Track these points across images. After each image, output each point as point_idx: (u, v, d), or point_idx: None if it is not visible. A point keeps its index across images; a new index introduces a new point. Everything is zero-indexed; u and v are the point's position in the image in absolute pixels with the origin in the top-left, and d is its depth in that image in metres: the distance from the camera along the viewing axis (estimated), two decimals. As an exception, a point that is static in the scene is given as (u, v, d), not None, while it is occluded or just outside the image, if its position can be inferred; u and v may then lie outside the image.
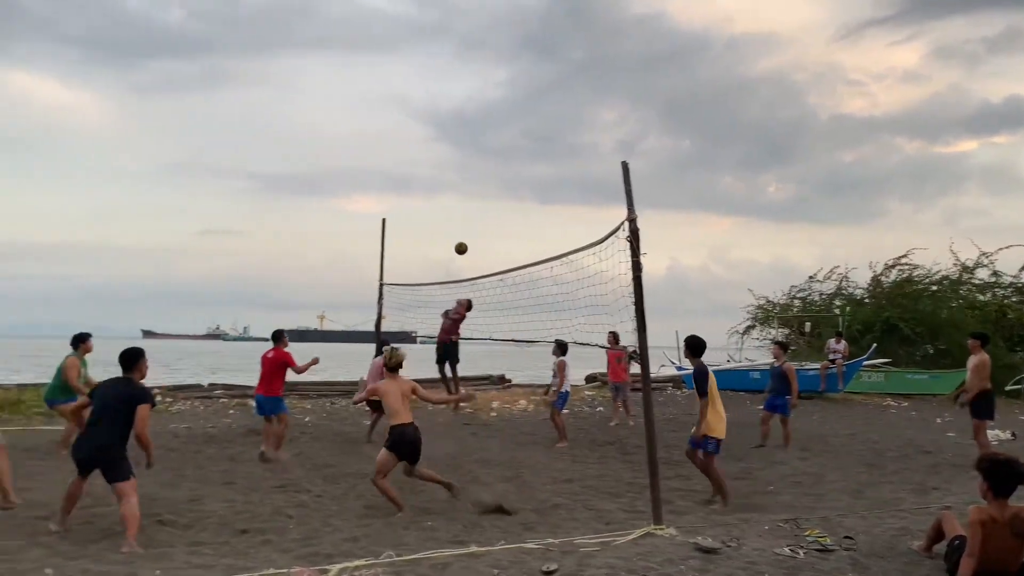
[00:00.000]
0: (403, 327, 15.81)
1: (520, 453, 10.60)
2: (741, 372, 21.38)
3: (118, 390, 6.28)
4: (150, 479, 8.36)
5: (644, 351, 6.58)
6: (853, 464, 10.08)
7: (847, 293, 26.39)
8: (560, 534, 6.20)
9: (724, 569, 5.08)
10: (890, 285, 25.24)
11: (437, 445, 11.24)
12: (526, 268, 10.01)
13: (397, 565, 5.16)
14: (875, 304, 24.80)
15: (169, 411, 15.26)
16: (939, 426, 14.71)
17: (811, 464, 10.15)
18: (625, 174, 6.54)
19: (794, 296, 27.20)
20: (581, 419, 15.25)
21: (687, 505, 7.67)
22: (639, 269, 6.44)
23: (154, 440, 11.13)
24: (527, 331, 10.44)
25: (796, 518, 6.74)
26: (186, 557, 5.47)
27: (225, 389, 18.91)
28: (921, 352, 23.44)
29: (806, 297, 26.96)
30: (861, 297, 26.00)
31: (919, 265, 25.31)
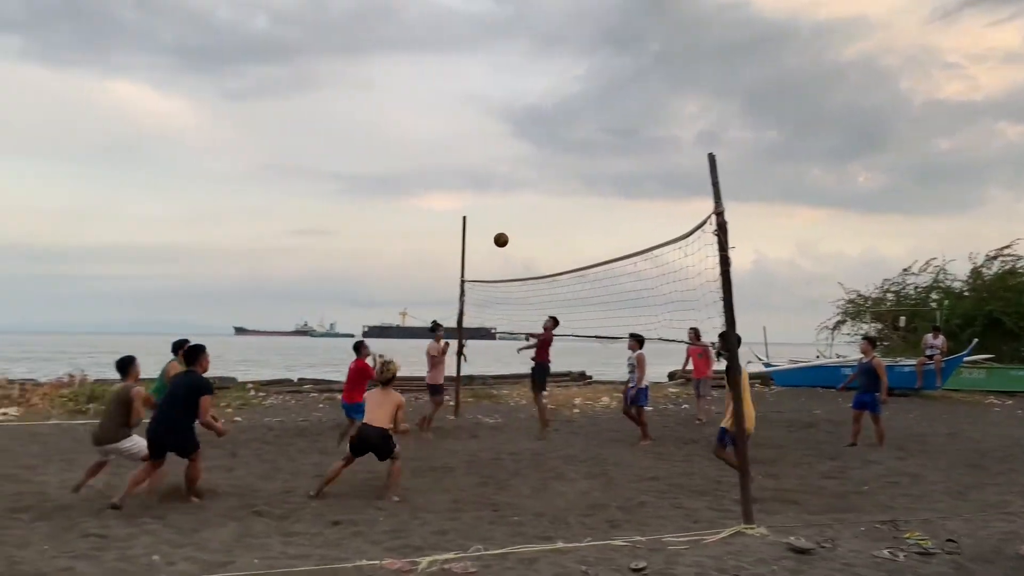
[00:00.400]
0: (483, 324, 15.94)
1: (604, 450, 10.55)
2: (832, 368, 20.75)
3: (184, 381, 7.42)
4: (245, 471, 8.72)
5: (733, 348, 6.46)
6: (954, 464, 9.65)
7: (944, 286, 25.30)
8: (647, 532, 6.15)
9: (819, 571, 4.95)
10: (992, 277, 24.08)
11: (521, 442, 11.34)
12: (608, 264, 9.95)
13: (485, 559, 5.21)
14: (975, 297, 23.71)
15: (262, 405, 15.80)
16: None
17: (908, 464, 9.76)
18: (712, 166, 6.42)
19: (887, 290, 26.24)
20: (666, 416, 15.08)
21: (778, 505, 7.48)
22: (727, 263, 6.31)
23: (249, 433, 11.71)
24: (608, 327, 10.37)
25: (894, 520, 6.51)
26: (282, 547, 5.65)
27: (314, 384, 19.47)
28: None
29: (900, 290, 25.97)
30: (960, 290, 24.90)
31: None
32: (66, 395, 14.37)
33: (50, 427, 11.91)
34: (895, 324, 23.46)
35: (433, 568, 4.97)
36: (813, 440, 11.97)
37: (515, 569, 4.99)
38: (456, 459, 9.77)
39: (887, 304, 25.19)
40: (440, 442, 11.20)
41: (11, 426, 11.94)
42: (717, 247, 6.38)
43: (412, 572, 4.89)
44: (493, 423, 13.61)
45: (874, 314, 24.44)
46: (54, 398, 14.23)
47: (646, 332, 10.18)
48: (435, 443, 11.09)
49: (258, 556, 5.32)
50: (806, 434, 12.64)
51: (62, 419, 12.86)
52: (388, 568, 4.94)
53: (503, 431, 12.66)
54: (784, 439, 11.91)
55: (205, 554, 5.35)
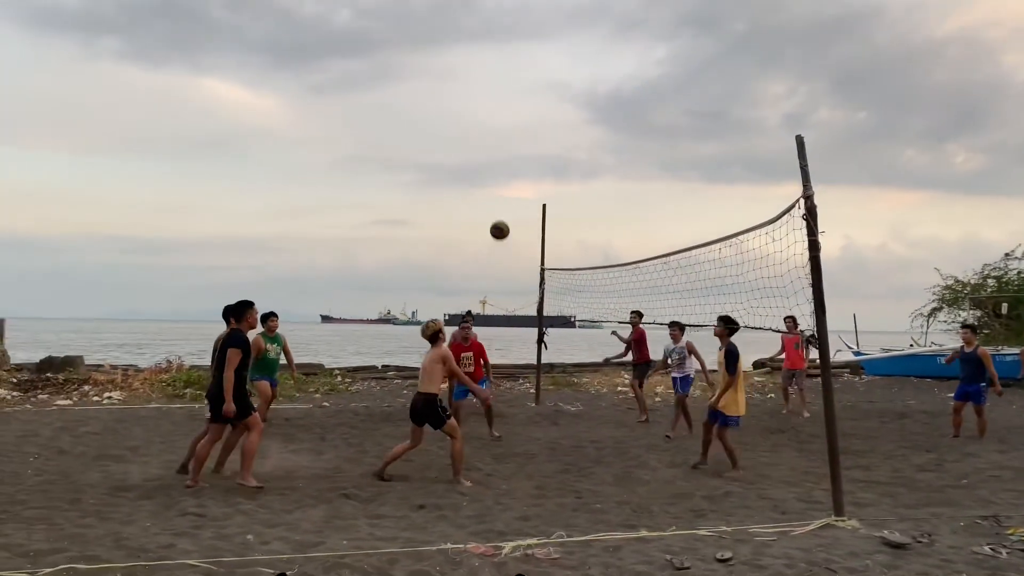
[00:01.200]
0: (561, 311, 15.91)
1: (687, 439, 10.40)
2: (927, 357, 19.95)
3: (223, 338, 7.32)
4: (334, 455, 8.96)
5: (823, 335, 6.26)
6: (1062, 459, 9.14)
7: (1050, 271, 23.95)
8: (733, 522, 6.05)
9: (916, 566, 4.77)
10: (1103, 261, 22.68)
11: (603, 430, 11.30)
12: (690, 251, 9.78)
13: (568, 545, 5.23)
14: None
15: (349, 391, 16.20)
16: None
17: (1011, 458, 9.30)
18: (800, 149, 6.23)
19: (987, 275, 25.02)
20: (752, 406, 14.68)
21: (870, 497, 7.24)
22: (816, 249, 6.12)
23: (336, 418, 12.01)
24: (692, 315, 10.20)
25: (996, 515, 6.23)
26: (369, 529, 5.79)
27: (397, 370, 19.85)
28: None
29: (1001, 276, 24.73)
30: (1067, 275, 23.54)
31: None
32: (165, 380, 15.04)
33: (151, 410, 12.49)
34: (997, 311, 22.35)
35: (517, 553, 5.01)
36: (907, 431, 11.53)
37: (599, 556, 4.99)
38: (538, 446, 9.81)
39: (987, 290, 24.03)
40: (522, 429, 11.26)
41: (115, 409, 12.58)
42: (806, 232, 6.20)
43: (496, 557, 4.94)
44: (574, 411, 13.60)
45: (973, 301, 23.35)
46: (154, 383, 14.91)
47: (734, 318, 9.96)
48: (517, 430, 11.14)
49: (347, 537, 5.46)
50: (899, 425, 12.19)
51: (161, 403, 13.47)
52: (472, 552, 5.01)
53: (584, 419, 12.64)
54: (876, 430, 11.52)
55: (296, 534, 5.53)
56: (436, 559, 4.89)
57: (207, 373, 15.77)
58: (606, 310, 13.53)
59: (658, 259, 10.86)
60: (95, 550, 5.00)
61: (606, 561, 4.88)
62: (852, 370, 21.45)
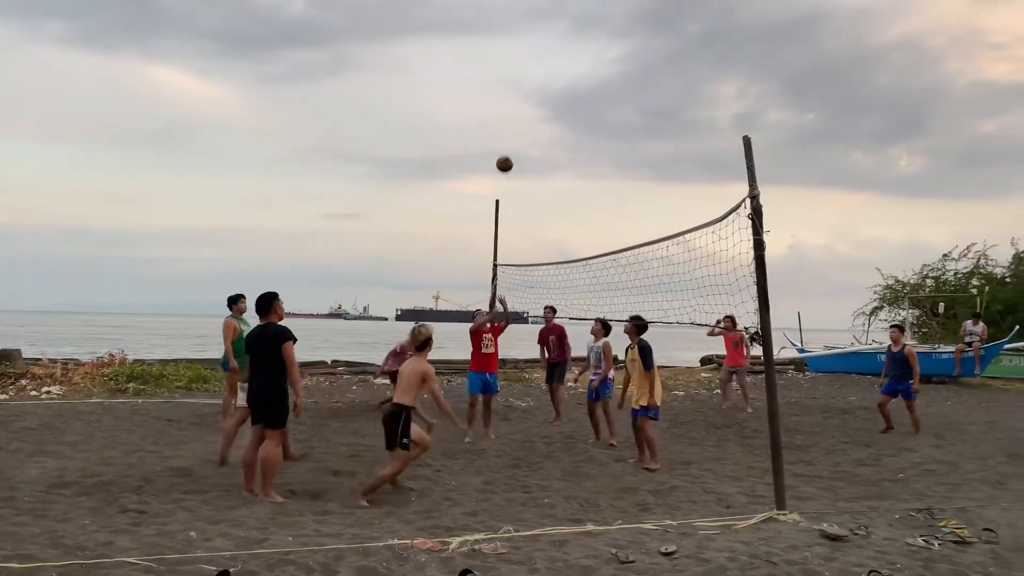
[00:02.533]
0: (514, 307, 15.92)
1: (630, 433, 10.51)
2: (868, 355, 20.46)
3: (262, 334, 6.81)
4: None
5: (767, 333, 6.39)
6: (992, 453, 9.48)
7: (985, 272, 24.78)
8: (678, 516, 6.14)
9: (853, 558, 4.90)
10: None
11: (552, 426, 11.35)
12: (640, 248, 9.88)
13: (516, 540, 5.25)
14: (1018, 283, 23.18)
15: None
16: (1091, 415, 13.60)
17: (946, 452, 9.61)
18: (747, 149, 6.33)
19: (926, 275, 25.77)
20: (698, 402, 15.00)
21: (811, 491, 7.42)
22: (762, 247, 6.24)
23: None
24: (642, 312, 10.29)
25: (930, 508, 6.42)
26: (315, 525, 5.73)
27: (347, 366, 19.67)
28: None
29: (939, 276, 25.50)
30: (1002, 276, 24.37)
31: (1069, 241, 23.47)
32: (107, 374, 14.67)
33: (91, 405, 12.18)
34: (934, 310, 23.03)
35: (464, 548, 5.01)
36: (848, 427, 11.83)
37: (545, 551, 5.02)
38: (487, 441, 9.82)
39: (926, 290, 24.75)
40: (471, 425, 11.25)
41: (54, 404, 12.23)
42: (751, 231, 6.31)
43: (443, 552, 4.94)
44: (525, 406, 13.64)
45: (912, 300, 24.04)
46: (96, 377, 14.54)
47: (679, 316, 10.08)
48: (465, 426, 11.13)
49: (292, 534, 5.40)
50: (840, 421, 12.50)
51: (103, 398, 13.15)
52: (419, 548, 4.99)
53: (534, 414, 12.69)
54: (818, 426, 11.79)
55: (240, 531, 5.45)
56: (383, 555, 4.86)
57: (153, 368, 15.57)
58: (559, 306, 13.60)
59: (609, 256, 10.94)
60: (29, 549, 4.86)
61: (552, 555, 4.91)
62: (796, 367, 21.91)
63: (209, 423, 10.63)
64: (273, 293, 6.99)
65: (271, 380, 6.66)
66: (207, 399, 13.16)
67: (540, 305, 13.22)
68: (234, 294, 10.42)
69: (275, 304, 6.93)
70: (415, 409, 6.83)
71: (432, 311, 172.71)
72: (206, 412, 11.55)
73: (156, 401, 12.94)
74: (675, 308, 9.51)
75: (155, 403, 12.68)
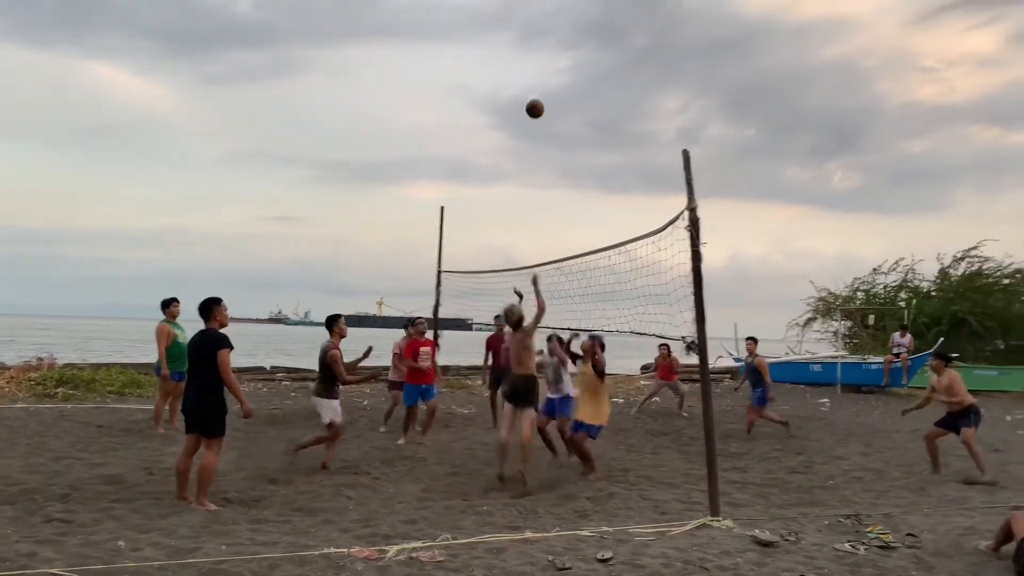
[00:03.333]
0: (459, 314, 15.94)
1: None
2: (802, 365, 21.01)
3: (199, 340, 6.64)
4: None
5: (703, 342, 6.52)
6: (917, 461, 9.82)
7: (913, 286, 25.68)
8: (615, 523, 6.21)
9: (782, 563, 5.03)
10: (959, 278, 24.48)
11: (494, 433, 11.35)
12: (583, 257, 9.99)
13: (454, 548, 5.24)
14: (943, 297, 24.10)
15: (233, 392, 15.67)
16: (1008, 424, 14.21)
17: (873, 460, 9.93)
18: (686, 162, 6.47)
19: (857, 288, 26.57)
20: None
21: (744, 498, 7.59)
22: (699, 259, 6.37)
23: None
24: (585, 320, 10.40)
25: (857, 514, 6.63)
26: (250, 534, 5.64)
27: (287, 372, 19.38)
28: (991, 347, 22.70)
29: (869, 289, 26.32)
30: (928, 290, 25.28)
31: (990, 258, 24.49)
32: (34, 379, 14.16)
33: (17, 411, 11.74)
34: (864, 322, 23.79)
35: (401, 557, 4.98)
36: (781, 435, 12.10)
37: (483, 558, 5.02)
38: (427, 449, 9.78)
39: (857, 302, 25.53)
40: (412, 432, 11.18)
41: (-24, 409, 11.75)
42: (690, 242, 6.44)
43: (380, 560, 4.90)
44: (467, 413, 13.62)
45: (844, 312, 24.77)
46: (22, 381, 14.03)
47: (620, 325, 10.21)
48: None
49: (225, 543, 5.30)
50: (774, 429, 12.77)
51: (29, 403, 12.69)
52: (356, 556, 4.95)
53: (476, 422, 12.68)
54: (752, 433, 12.05)
55: (172, 540, 5.32)
56: (318, 563, 4.81)
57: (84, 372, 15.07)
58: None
59: (554, 264, 11.03)
60: (-54, 560, 4.67)
61: (490, 563, 4.92)
62: (732, 376, 22.36)
63: (142, 429, 10.34)
64: (215, 298, 6.82)
65: (207, 387, 6.51)
66: (140, 405, 12.80)
67: (484, 312, 13.27)
68: (167, 298, 10.22)
69: (215, 309, 6.74)
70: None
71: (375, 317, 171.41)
72: (139, 418, 11.24)
73: (87, 407, 12.53)
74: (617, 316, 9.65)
75: (85, 408, 12.28)
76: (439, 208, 15.07)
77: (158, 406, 10.33)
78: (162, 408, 10.28)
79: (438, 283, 14.83)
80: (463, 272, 14.82)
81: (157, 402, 10.43)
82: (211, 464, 6.52)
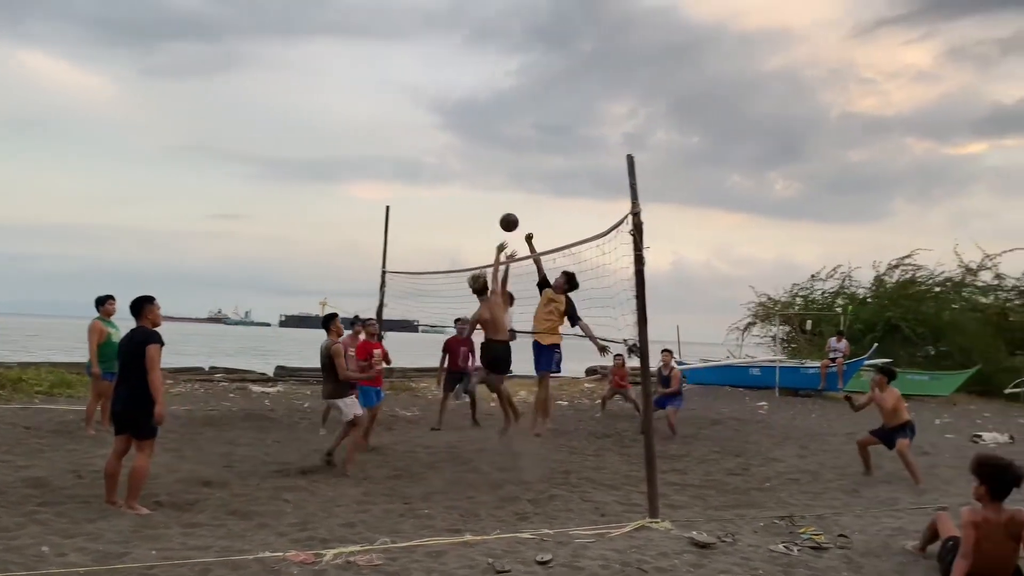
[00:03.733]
0: (404, 316, 15.81)
1: (520, 443, 10.59)
2: (741, 368, 21.40)
3: (130, 339, 6.43)
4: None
5: (644, 345, 6.58)
6: (850, 463, 10.07)
7: (849, 292, 26.37)
8: (556, 525, 6.22)
9: (719, 564, 5.10)
10: (893, 285, 25.22)
11: (437, 435, 11.31)
12: (529, 259, 10.01)
13: (392, 551, 5.18)
14: (877, 304, 24.78)
15: (169, 393, 15.29)
16: (938, 427, 14.69)
17: (809, 462, 10.16)
18: (630, 167, 6.52)
19: (796, 294, 27.17)
20: (580, 411, 15.28)
21: (683, 499, 7.68)
22: (641, 263, 6.43)
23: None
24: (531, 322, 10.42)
25: (792, 515, 6.76)
26: (182, 538, 5.49)
27: (225, 372, 18.98)
28: (922, 353, 23.43)
29: (808, 295, 26.94)
30: (863, 296, 25.99)
31: (922, 266, 25.29)
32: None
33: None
34: (802, 327, 24.34)
35: (338, 561, 4.91)
36: (719, 437, 12.32)
37: (421, 562, 4.98)
38: (368, 452, 9.67)
39: (795, 308, 26.12)
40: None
41: None
42: (633, 246, 6.50)
43: (316, 564, 4.82)
44: (410, 416, 13.53)
45: (782, 317, 25.34)
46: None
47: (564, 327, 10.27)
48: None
49: (156, 547, 5.15)
50: (713, 431, 13.00)
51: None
52: (292, 560, 4.86)
53: (420, 424, 12.61)
54: (692, 436, 12.22)
55: (99, 544, 5.15)
56: (252, 568, 4.71)
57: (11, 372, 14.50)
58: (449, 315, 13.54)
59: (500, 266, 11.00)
60: None
61: (429, 567, 4.88)
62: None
63: (72, 431, 10.01)
64: (147, 297, 6.59)
65: (137, 387, 6.27)
66: (70, 405, 12.38)
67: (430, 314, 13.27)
68: (102, 295, 9.92)
69: (147, 308, 6.51)
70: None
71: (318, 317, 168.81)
72: (69, 419, 10.87)
73: (13, 407, 12.08)
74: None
75: (12, 409, 11.83)
76: (384, 208, 14.91)
77: (90, 406, 10.02)
78: (94, 408, 9.97)
79: (382, 284, 14.68)
80: (409, 273, 14.69)
81: (89, 402, 10.12)
82: (142, 467, 6.32)
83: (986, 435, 13.12)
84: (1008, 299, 24.73)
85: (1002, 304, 24.46)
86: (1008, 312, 24.13)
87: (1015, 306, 24.49)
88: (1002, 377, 21.76)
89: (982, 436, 13.03)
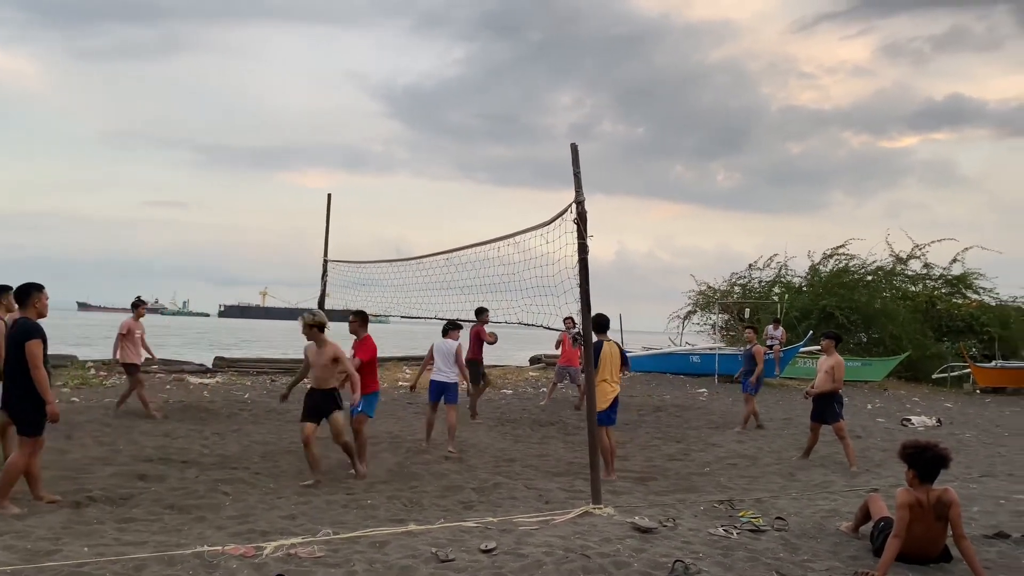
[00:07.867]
0: (347, 305, 15.60)
1: (463, 432, 10.59)
2: (682, 356, 21.74)
3: (12, 330, 6.06)
4: (81, 454, 8.16)
5: (588, 333, 6.62)
6: (787, 448, 10.35)
7: (786, 281, 27.01)
8: (500, 513, 6.24)
9: (660, 548, 5.17)
10: (827, 274, 25.91)
11: (379, 425, 11.20)
12: (474, 247, 9.97)
13: (334, 543, 5.12)
14: (812, 292, 25.43)
15: (103, 385, 14.86)
16: (869, 412, 15.17)
17: (747, 447, 10.38)
18: (574, 156, 6.53)
19: (734, 283, 27.70)
20: (525, 400, 15.32)
21: (625, 485, 7.77)
22: (585, 251, 6.46)
23: (87, 414, 10.95)
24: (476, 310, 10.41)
25: (731, 499, 6.90)
26: (116, 534, 5.34)
27: (162, 364, 18.47)
28: (855, 340, 24.13)
29: (746, 284, 27.49)
30: (799, 285, 26.64)
31: (855, 256, 26.09)
32: None
33: None
34: (740, 315, 24.84)
35: (278, 553, 4.83)
36: (661, 423, 12.50)
37: (364, 552, 4.93)
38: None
39: (734, 296, 26.63)
40: (295, 425, 10.89)
41: None
42: (576, 235, 6.52)
43: (256, 557, 4.73)
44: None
45: (722, 306, 25.81)
46: None
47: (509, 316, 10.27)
48: (289, 426, 10.77)
49: (88, 544, 5.00)
50: (655, 418, 13.19)
51: None
52: (231, 554, 4.76)
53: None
54: (634, 423, 12.37)
55: (28, 542, 4.97)
56: (190, 563, 4.59)
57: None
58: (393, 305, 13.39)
59: (443, 254, 10.96)
60: None
61: (371, 557, 4.83)
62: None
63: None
64: (35, 284, 6.17)
65: (21, 382, 5.90)
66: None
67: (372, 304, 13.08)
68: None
69: (34, 296, 6.10)
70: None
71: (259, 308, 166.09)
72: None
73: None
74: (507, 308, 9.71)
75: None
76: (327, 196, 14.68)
77: None
78: None
79: (324, 273, 14.48)
80: (352, 262, 14.52)
81: None
82: (16, 463, 5.94)
83: (915, 419, 13.61)
84: (936, 288, 25.67)
85: (930, 292, 25.38)
86: (935, 300, 25.05)
87: (942, 294, 25.44)
88: (929, 363, 22.59)
89: (911, 420, 13.51)
